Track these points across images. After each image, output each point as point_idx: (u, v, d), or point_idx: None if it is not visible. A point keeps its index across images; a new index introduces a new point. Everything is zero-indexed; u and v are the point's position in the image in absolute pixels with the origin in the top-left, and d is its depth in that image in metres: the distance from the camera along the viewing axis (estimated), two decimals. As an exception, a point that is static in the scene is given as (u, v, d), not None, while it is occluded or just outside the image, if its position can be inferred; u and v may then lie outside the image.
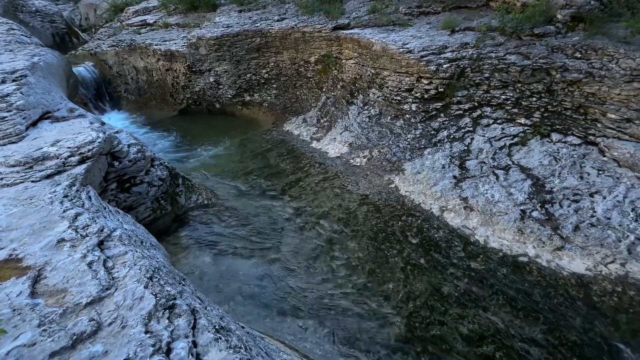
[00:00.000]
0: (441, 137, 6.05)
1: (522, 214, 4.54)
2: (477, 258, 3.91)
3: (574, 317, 3.23)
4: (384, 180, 5.50)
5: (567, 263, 3.90)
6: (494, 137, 5.82)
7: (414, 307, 3.27)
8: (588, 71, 5.51)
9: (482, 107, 6.21)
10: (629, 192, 4.54)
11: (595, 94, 5.47)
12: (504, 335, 2.99)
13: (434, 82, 6.29)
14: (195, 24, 10.68)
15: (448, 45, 6.49)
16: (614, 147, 5.04)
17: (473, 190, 5.00)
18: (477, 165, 5.43)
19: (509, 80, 6.11)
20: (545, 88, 5.92)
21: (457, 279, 3.59)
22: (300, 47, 8.74)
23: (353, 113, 7.36)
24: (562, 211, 4.53)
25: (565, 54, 5.83)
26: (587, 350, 2.92)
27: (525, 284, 3.59)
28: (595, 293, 3.52)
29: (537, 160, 5.33)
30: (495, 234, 4.33)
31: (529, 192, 4.85)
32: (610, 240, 4.07)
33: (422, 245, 4.08)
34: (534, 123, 5.81)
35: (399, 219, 4.58)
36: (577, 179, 4.92)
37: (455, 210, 4.73)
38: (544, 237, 4.22)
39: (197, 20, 10.89)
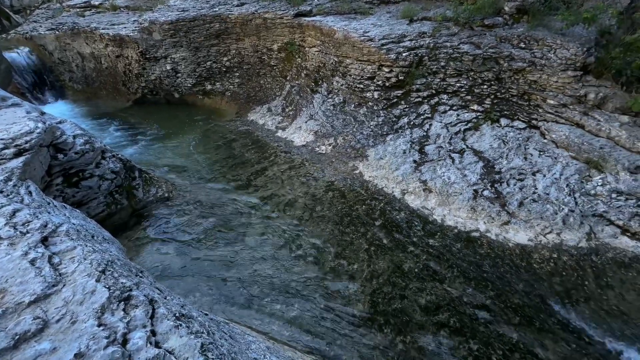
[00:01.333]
0: (402, 123, 6.28)
1: (475, 194, 4.90)
2: (435, 236, 4.18)
3: (518, 283, 3.59)
4: (348, 167, 5.63)
5: (512, 235, 4.29)
6: (450, 122, 6.16)
7: (377, 284, 3.43)
8: (531, 60, 5.97)
9: (439, 94, 6.51)
10: (565, 170, 5.05)
11: (537, 82, 5.96)
12: (458, 303, 3.25)
13: (395, 70, 6.48)
14: (148, 7, 9.97)
15: (407, 34, 6.69)
16: (553, 130, 5.56)
17: (431, 173, 5.28)
18: (435, 149, 5.73)
19: (462, 69, 6.45)
20: (495, 76, 6.33)
21: (417, 256, 3.82)
22: (263, 34, 8.53)
23: (318, 101, 7.38)
24: (509, 189, 4.95)
25: (511, 44, 6.26)
26: (527, 310, 3.27)
27: (476, 257, 3.91)
28: (535, 260, 3.92)
29: (488, 143, 5.73)
30: (451, 212, 4.64)
31: (480, 173, 5.23)
32: (549, 213, 4.54)
33: (385, 227, 4.27)
34: (485, 109, 6.22)
35: (363, 203, 4.73)
36: (521, 159, 5.37)
37: (416, 192, 4.98)
38: (493, 213, 4.59)
39: (148, 3, 10.17)
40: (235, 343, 2.06)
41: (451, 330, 2.98)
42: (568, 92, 5.67)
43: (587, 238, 4.24)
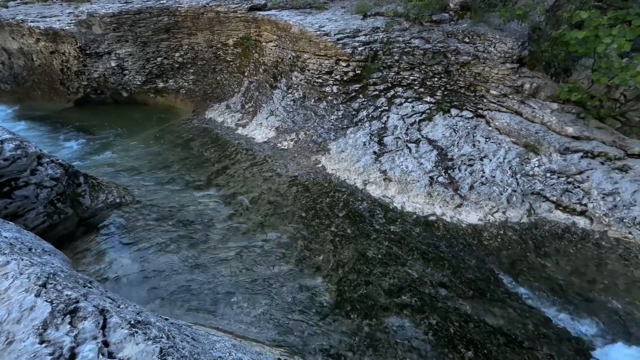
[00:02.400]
0: (361, 116, 6.44)
1: (431, 180, 5.20)
2: (395, 222, 4.38)
3: (471, 259, 3.90)
4: (311, 161, 5.67)
5: (465, 217, 4.63)
6: (406, 114, 6.44)
7: (343, 273, 3.53)
8: (474, 54, 6.42)
9: (394, 87, 6.77)
10: (507, 154, 5.53)
11: (480, 74, 6.42)
12: (419, 283, 3.45)
13: (351, 64, 6.61)
14: (84, -3, 9.13)
15: (361, 29, 6.84)
16: (496, 118, 6.04)
17: (390, 163, 5.50)
18: (393, 140, 5.96)
19: (415, 63, 6.76)
20: (444, 69, 6.72)
21: (380, 243, 3.98)
22: (216, 29, 8.22)
23: (277, 97, 7.31)
24: (460, 174, 5.32)
25: (457, 39, 6.67)
26: (479, 283, 3.56)
27: (434, 239, 4.17)
28: (485, 238, 4.28)
29: (440, 133, 6.08)
30: (410, 199, 4.88)
31: (435, 161, 5.55)
32: (495, 194, 4.96)
33: (349, 217, 4.38)
34: (437, 101, 6.58)
35: (327, 196, 4.81)
36: (470, 146, 5.78)
37: (376, 182, 5.16)
38: (447, 197, 4.91)
39: (86, -6, 9.31)
40: (198, 344, 2.01)
41: (413, 309, 3.16)
42: (507, 83, 6.19)
43: (528, 214, 4.71)
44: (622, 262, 3.97)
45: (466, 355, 2.77)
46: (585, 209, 4.64)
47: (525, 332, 3.06)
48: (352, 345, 2.83)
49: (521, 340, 2.98)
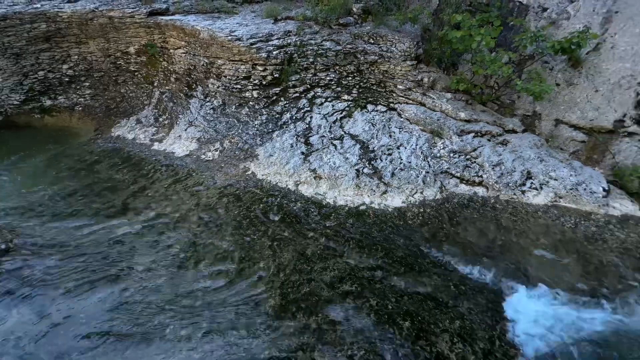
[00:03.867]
0: (285, 119, 6.51)
1: (357, 173, 5.54)
2: (330, 217, 4.55)
3: (399, 239, 4.28)
4: (240, 169, 5.51)
5: (390, 202, 5.06)
6: (328, 113, 6.72)
7: (285, 276, 3.53)
8: (380, 53, 7.03)
9: (313, 88, 7.01)
10: (418, 141, 6.20)
11: (387, 71, 7.07)
12: (357, 270, 3.66)
13: (268, 68, 6.61)
14: None
15: (274, 33, 6.90)
16: (405, 110, 6.72)
17: (319, 161, 5.69)
18: (318, 139, 6.17)
19: (329, 64, 7.10)
20: (356, 69, 7.20)
21: (317, 240, 4.09)
22: (112, 36, 7.35)
23: (195, 106, 6.90)
24: (382, 164, 5.78)
25: (363, 40, 7.22)
26: (409, 259, 3.94)
27: (366, 227, 4.46)
28: (409, 217, 4.74)
29: (361, 128, 6.51)
30: (341, 193, 5.13)
31: (359, 154, 5.92)
32: (413, 178, 5.53)
33: (284, 220, 4.40)
34: (354, 98, 7.03)
35: (260, 202, 4.74)
36: (388, 137, 6.32)
37: (308, 181, 5.28)
38: (373, 186, 5.30)
39: None
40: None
41: (354, 295, 3.34)
42: (410, 78, 6.94)
43: (440, 191, 5.37)
44: (512, 219, 4.83)
45: (404, 326, 3.04)
46: (482, 179, 5.51)
47: (449, 294, 3.49)
48: (301, 344, 2.85)
49: (447, 301, 3.40)
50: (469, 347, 2.93)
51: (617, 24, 5.45)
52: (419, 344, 2.91)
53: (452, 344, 2.93)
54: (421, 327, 3.06)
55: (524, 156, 5.67)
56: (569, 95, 5.91)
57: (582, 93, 5.77)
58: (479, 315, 3.26)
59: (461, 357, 2.84)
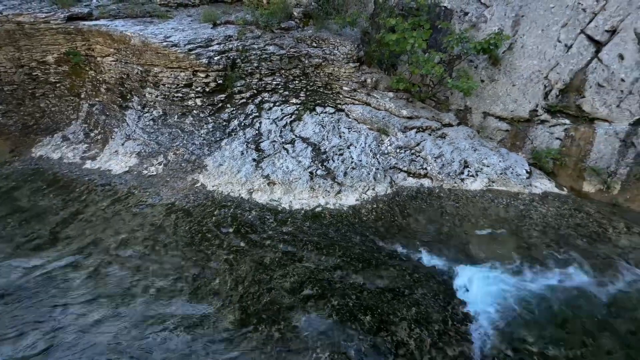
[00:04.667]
0: (233, 126, 6.32)
1: (311, 175, 5.58)
2: (286, 223, 4.52)
3: (356, 237, 4.40)
4: (188, 182, 5.22)
5: (345, 201, 5.19)
6: (277, 118, 6.67)
7: (244, 288, 3.43)
8: (324, 57, 7.17)
9: (260, 93, 6.91)
10: (367, 139, 6.45)
11: (332, 74, 7.24)
12: (316, 273, 3.68)
13: (211, 74, 6.37)
14: None
15: (214, 38, 6.66)
16: (353, 111, 6.94)
17: (272, 167, 5.62)
18: (269, 145, 6.10)
19: (274, 68, 7.06)
20: (302, 72, 7.26)
21: (275, 247, 4.04)
22: (23, 44, 6.50)
23: (132, 118, 6.38)
24: (335, 164, 5.90)
25: (306, 44, 7.30)
26: (366, 255, 4.07)
27: (323, 228, 4.51)
28: (364, 214, 4.90)
29: (311, 130, 6.57)
30: (296, 197, 5.12)
31: (311, 156, 5.97)
32: (364, 175, 5.73)
33: (239, 231, 4.27)
34: (302, 101, 7.07)
35: (213, 215, 4.54)
36: (338, 138, 6.47)
37: (262, 188, 5.19)
38: (328, 187, 5.39)
39: None
40: None
41: (315, 298, 3.36)
42: (354, 79, 7.19)
43: (391, 185, 5.65)
44: (455, 205, 5.25)
45: (365, 321, 3.14)
46: (426, 171, 5.91)
47: (404, 283, 3.68)
48: (265, 356, 2.79)
49: (403, 290, 3.58)
50: (426, 330, 3.12)
51: (524, 27, 6.23)
52: (380, 336, 3.02)
53: (410, 330, 3.09)
54: (381, 319, 3.18)
55: (460, 147, 6.20)
56: (493, 90, 6.61)
57: (502, 88, 6.49)
58: (433, 299, 3.49)
59: (419, 341, 3.01)
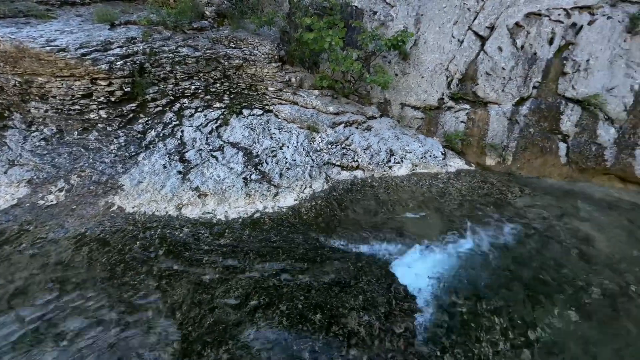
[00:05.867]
0: (151, 138, 5.70)
1: (245, 181, 5.36)
2: (224, 235, 4.26)
3: (298, 237, 4.38)
4: (100, 207, 4.53)
5: (283, 202, 5.12)
6: (201, 124, 6.24)
7: (182, 314, 3.12)
8: (244, 57, 6.94)
9: (179, 99, 6.37)
10: (298, 138, 6.47)
11: (255, 74, 7.05)
12: (262, 281, 3.55)
13: (115, 82, 5.62)
14: None
15: (113, 41, 5.88)
16: (281, 111, 6.87)
17: (201, 177, 5.23)
18: (196, 154, 5.67)
19: (191, 71, 6.57)
20: (222, 74, 6.91)
21: (214, 262, 3.77)
22: None
23: (15, 140, 5.27)
24: (269, 167, 5.78)
25: (224, 45, 6.96)
26: (310, 253, 4.08)
27: (264, 233, 4.37)
28: (304, 213, 4.91)
29: (240, 134, 6.31)
30: (232, 206, 4.87)
31: (243, 161, 5.74)
32: (300, 174, 5.74)
33: (171, 252, 3.87)
34: (227, 105, 6.74)
35: (136, 239, 4.03)
36: (269, 139, 6.35)
37: (192, 202, 4.80)
38: (264, 191, 5.24)
39: None
40: None
41: (263, 307, 3.24)
42: (278, 79, 7.12)
43: (326, 181, 5.77)
44: (387, 192, 5.62)
45: (316, 319, 3.14)
46: (358, 163, 6.20)
47: (349, 274, 3.79)
48: (215, 382, 2.58)
49: (349, 281, 3.68)
50: (373, 315, 3.26)
51: (425, 24, 6.95)
52: (332, 331, 3.06)
53: (359, 318, 3.20)
54: (331, 314, 3.22)
55: (385, 137, 6.66)
56: (406, 83, 7.23)
57: (413, 80, 7.16)
58: (376, 284, 3.67)
59: (369, 326, 3.14)
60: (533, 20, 6.66)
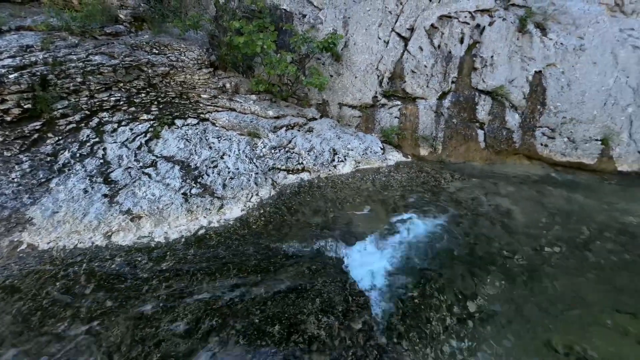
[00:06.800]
0: (65, 160, 4.97)
1: (185, 196, 4.99)
2: (165, 258, 3.90)
3: (249, 248, 4.22)
4: (4, 248, 3.80)
5: (229, 214, 4.89)
6: (127, 139, 5.64)
7: (122, 354, 2.77)
8: (170, 64, 6.46)
9: (96, 113, 5.67)
10: (240, 146, 6.24)
11: (185, 82, 6.62)
12: (212, 302, 3.33)
13: (10, 98, 4.79)
14: None
15: (1, 50, 4.99)
16: (218, 118, 6.56)
17: (132, 198, 4.72)
18: (124, 173, 5.10)
19: (109, 82, 5.90)
20: (147, 83, 6.34)
21: (156, 290, 3.43)
22: None
23: None
24: (210, 178, 5.46)
25: (145, 51, 6.40)
26: (263, 263, 3.95)
27: (211, 250, 4.12)
28: (252, 222, 4.75)
29: (175, 147, 5.86)
30: (172, 226, 4.49)
31: (181, 176, 5.34)
32: (245, 183, 5.54)
33: (102, 287, 3.41)
34: (156, 116, 6.20)
35: (56, 280, 3.47)
36: (208, 149, 6.01)
37: (124, 227, 4.30)
38: (207, 205, 4.94)
39: None
40: None
41: (217, 330, 3.04)
42: (212, 85, 6.79)
43: (273, 187, 5.66)
44: (334, 190, 5.73)
45: (274, 331, 3.05)
46: (303, 165, 6.21)
47: (305, 278, 3.77)
48: None
49: (305, 285, 3.66)
50: (332, 316, 3.29)
51: (352, 27, 7.24)
52: (293, 340, 3.00)
53: (318, 322, 3.19)
54: (290, 323, 3.16)
55: (327, 137, 6.78)
56: (341, 83, 7.46)
57: (348, 80, 7.42)
58: (332, 284, 3.71)
59: (328, 328, 3.15)
60: (445, 22, 7.41)
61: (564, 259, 4.34)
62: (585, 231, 4.95)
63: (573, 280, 3.97)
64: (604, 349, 3.10)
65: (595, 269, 4.18)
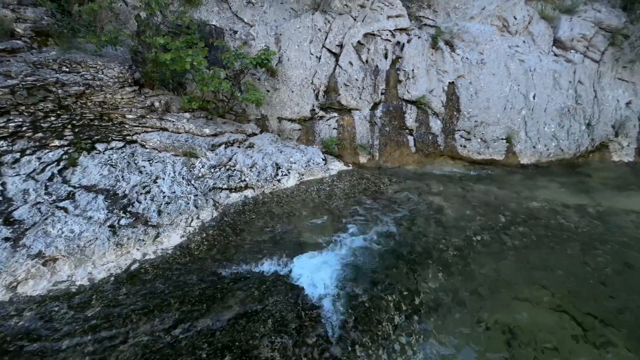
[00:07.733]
0: (-54, 201, 4.09)
1: (113, 229, 4.48)
2: (90, 303, 3.43)
3: (192, 277, 3.93)
4: None
5: (167, 243, 4.52)
6: (34, 170, 4.88)
7: None
8: (85, 83, 5.82)
9: (-10, 143, 4.81)
10: (175, 167, 5.85)
11: (105, 102, 6.02)
12: (152, 344, 3.01)
13: None
14: None
15: None
16: (148, 140, 6.07)
17: (44, 238, 4.07)
18: (31, 210, 4.38)
19: (5, 105, 5.08)
20: (58, 105, 5.61)
21: (81, 345, 2.97)
22: None
23: None
24: (143, 205, 5.00)
25: (52, 69, 5.67)
26: (208, 291, 3.71)
27: (147, 285, 3.74)
28: (194, 248, 4.45)
29: (97, 174, 5.24)
30: (97, 264, 3.97)
31: (106, 206, 4.79)
32: (183, 206, 5.19)
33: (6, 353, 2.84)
34: (71, 141, 5.50)
35: (-61, 353, 2.79)
36: (138, 174, 5.51)
37: (33, 274, 3.67)
38: (141, 235, 4.50)
39: None
40: None
41: (159, 374, 2.75)
42: (138, 105, 6.29)
43: (215, 208, 5.40)
44: (279, 205, 5.69)
45: (225, 363, 2.87)
46: (246, 183, 6.06)
47: (254, 299, 3.64)
48: None
49: (255, 308, 3.53)
50: (286, 335, 3.22)
51: (285, 43, 7.41)
52: (246, 368, 2.86)
53: (271, 344, 3.10)
54: (242, 351, 3.01)
55: (269, 152, 6.75)
56: (279, 98, 7.54)
57: (285, 94, 7.53)
58: (284, 302, 3.64)
59: (282, 349, 3.08)
60: (370, 39, 8.03)
61: (487, 245, 4.93)
62: (501, 219, 5.70)
63: (497, 263, 4.52)
64: (524, 319, 3.58)
65: (512, 250, 4.83)
